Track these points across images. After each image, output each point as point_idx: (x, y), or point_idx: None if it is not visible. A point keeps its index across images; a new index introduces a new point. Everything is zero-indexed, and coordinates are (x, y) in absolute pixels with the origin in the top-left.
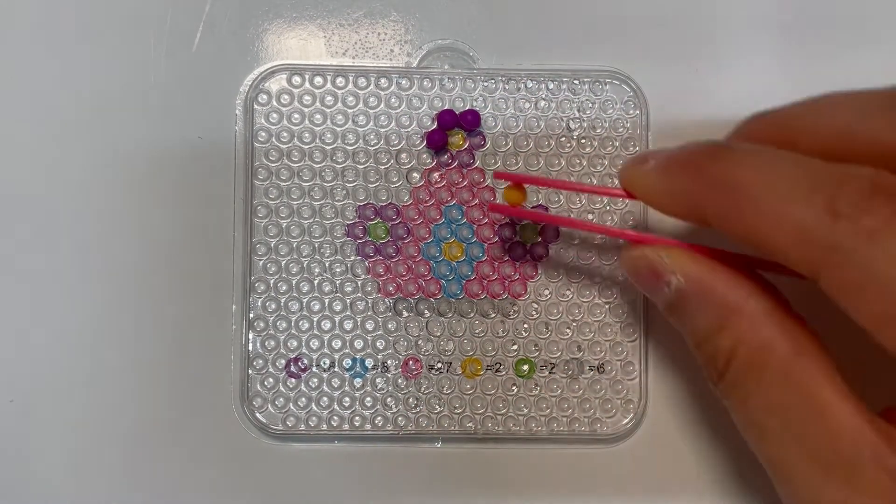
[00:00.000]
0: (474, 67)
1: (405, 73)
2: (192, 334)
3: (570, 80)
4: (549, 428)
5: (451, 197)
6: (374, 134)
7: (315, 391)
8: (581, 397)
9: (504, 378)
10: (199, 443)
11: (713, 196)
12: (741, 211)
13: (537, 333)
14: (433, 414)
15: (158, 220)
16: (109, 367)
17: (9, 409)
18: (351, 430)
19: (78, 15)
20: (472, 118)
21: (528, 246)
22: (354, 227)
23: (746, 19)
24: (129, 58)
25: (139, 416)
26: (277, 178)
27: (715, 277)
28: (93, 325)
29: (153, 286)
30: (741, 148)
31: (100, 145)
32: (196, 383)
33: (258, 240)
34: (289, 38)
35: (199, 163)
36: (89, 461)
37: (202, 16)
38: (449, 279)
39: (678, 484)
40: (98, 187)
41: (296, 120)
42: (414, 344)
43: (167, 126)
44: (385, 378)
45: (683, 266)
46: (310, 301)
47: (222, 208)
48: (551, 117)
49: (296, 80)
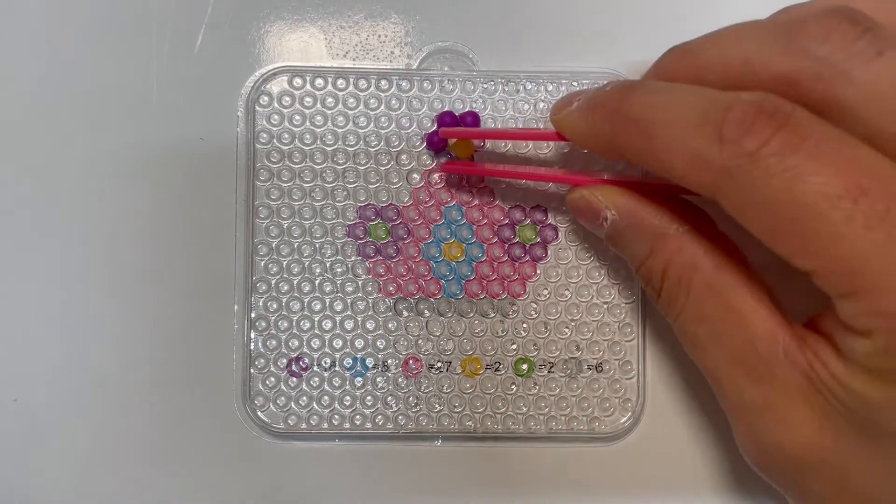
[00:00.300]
0: (474, 69)
1: (405, 74)
2: (195, 334)
3: (569, 81)
4: (547, 426)
5: (451, 198)
6: (374, 135)
7: (316, 390)
8: (579, 396)
9: (503, 377)
10: (202, 441)
11: (624, 132)
12: (646, 144)
13: (536, 333)
14: (433, 413)
15: (160, 220)
16: (111, 366)
17: (12, 408)
18: (352, 428)
19: (80, 17)
20: (471, 119)
21: (527, 246)
22: (355, 228)
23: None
24: (131, 59)
25: (142, 414)
26: (279, 179)
27: (642, 209)
28: (95, 325)
29: (156, 286)
30: (648, 86)
31: (102, 146)
32: (198, 382)
33: (260, 240)
34: (290, 40)
35: (201, 164)
36: (92, 460)
37: (204, 18)
38: (449, 279)
39: (676, 482)
40: (100, 188)
41: (297, 121)
42: (414, 343)
43: (169, 127)
44: (385, 377)
45: (615, 201)
46: (311, 301)
47: (224, 209)
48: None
49: (297, 81)
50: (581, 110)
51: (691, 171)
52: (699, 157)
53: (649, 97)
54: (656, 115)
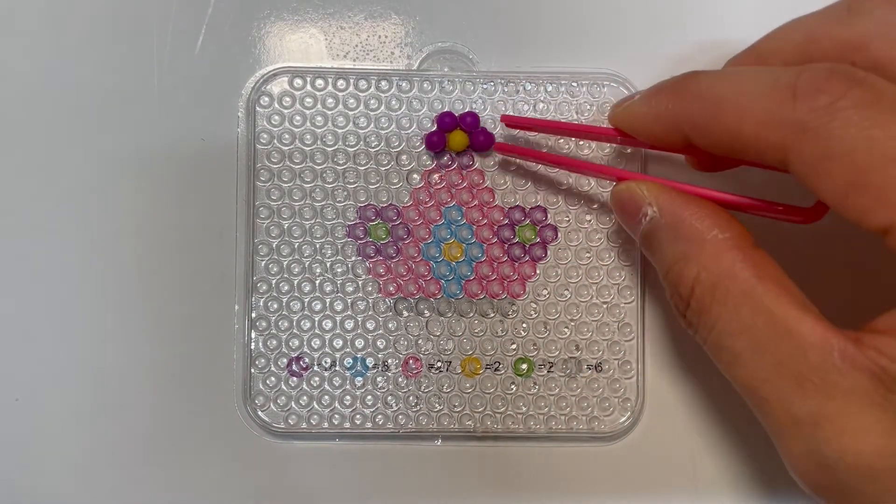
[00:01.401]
0: (474, 70)
1: (405, 75)
2: (195, 334)
3: (569, 82)
4: (547, 426)
5: (451, 198)
6: (374, 136)
7: (316, 390)
8: (579, 396)
9: (503, 377)
10: (202, 441)
11: (691, 109)
12: (714, 114)
13: (536, 333)
14: (433, 412)
15: (161, 221)
16: (113, 366)
17: (14, 408)
18: (352, 428)
19: (81, 18)
20: (471, 120)
21: (526, 246)
22: (355, 228)
23: (744, 22)
24: (132, 60)
25: (143, 414)
26: (279, 180)
27: (684, 208)
28: (97, 324)
29: (157, 286)
30: (715, 71)
31: (103, 147)
32: (199, 382)
33: (260, 240)
34: (290, 41)
35: (202, 164)
36: (93, 459)
37: (205, 18)
38: (449, 279)
39: (675, 481)
40: (102, 189)
41: (297, 122)
42: (414, 343)
43: (170, 128)
44: (385, 377)
45: (658, 196)
46: (311, 301)
47: (225, 209)
48: (550, 119)
49: (297, 82)
50: (644, 97)
51: (762, 131)
52: (771, 115)
53: (719, 76)
54: (725, 86)
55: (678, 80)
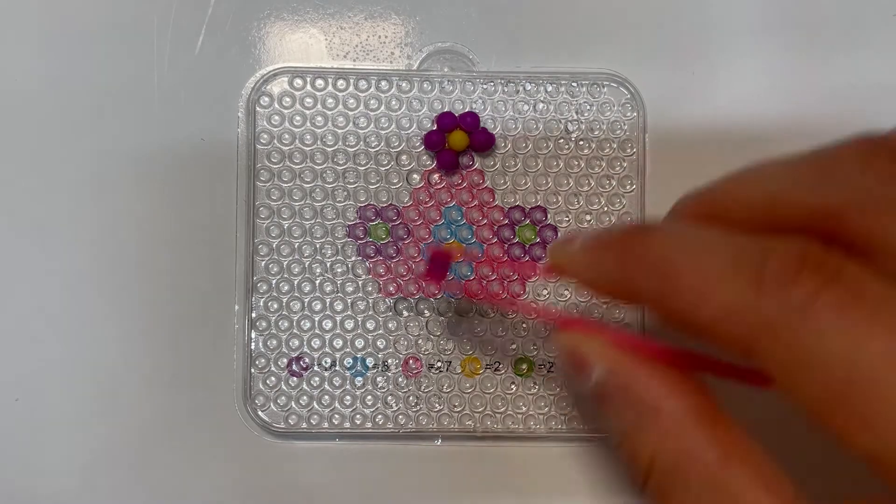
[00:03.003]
0: (474, 70)
1: (405, 75)
2: (196, 334)
3: (569, 82)
4: (547, 426)
5: (451, 198)
6: (374, 136)
7: (317, 390)
8: (579, 395)
9: (503, 377)
10: (203, 441)
11: (639, 276)
12: (667, 290)
13: (536, 333)
14: (433, 412)
15: (161, 221)
16: (113, 366)
17: (14, 408)
18: (352, 428)
19: (81, 17)
20: (471, 120)
21: (526, 246)
22: (355, 228)
23: (743, 22)
24: (132, 60)
25: (143, 414)
26: (279, 180)
27: (633, 372)
28: (97, 324)
29: (156, 286)
30: (665, 227)
31: (103, 147)
32: (199, 382)
33: (260, 240)
34: (291, 41)
35: (202, 164)
36: (93, 459)
37: (205, 19)
38: (448, 279)
39: None
40: (102, 189)
41: (297, 122)
42: (414, 343)
43: (170, 128)
44: (386, 377)
45: (604, 357)
46: (311, 301)
47: (225, 209)
48: (550, 119)
49: (297, 82)
50: (587, 250)
51: (723, 323)
52: (732, 307)
53: (670, 238)
54: (678, 258)
55: (624, 237)
